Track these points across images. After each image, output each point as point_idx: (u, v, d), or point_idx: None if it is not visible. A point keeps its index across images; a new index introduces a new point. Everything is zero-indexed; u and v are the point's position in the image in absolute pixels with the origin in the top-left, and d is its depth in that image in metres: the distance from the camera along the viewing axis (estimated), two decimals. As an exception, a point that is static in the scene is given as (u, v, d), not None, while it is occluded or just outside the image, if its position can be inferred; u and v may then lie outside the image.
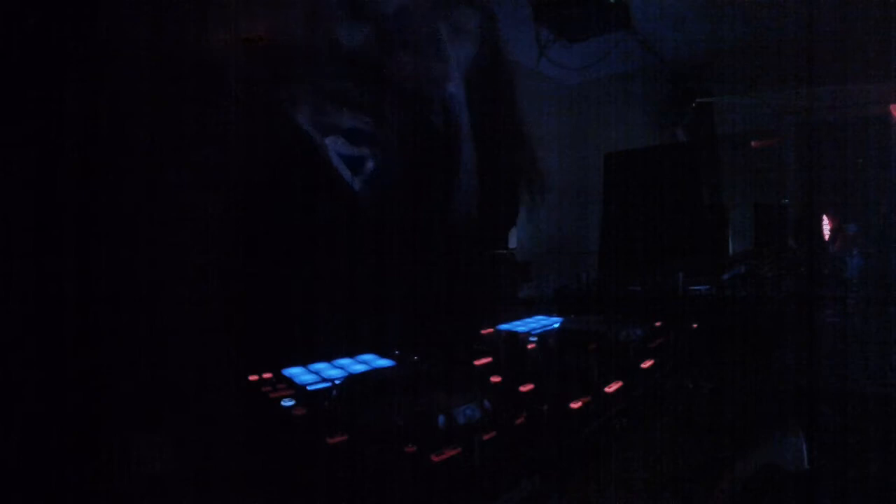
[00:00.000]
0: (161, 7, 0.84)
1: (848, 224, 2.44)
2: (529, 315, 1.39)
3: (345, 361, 0.96)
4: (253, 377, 0.85)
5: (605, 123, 2.50)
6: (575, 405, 0.74)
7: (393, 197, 1.28)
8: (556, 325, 1.25)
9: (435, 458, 0.56)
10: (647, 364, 0.98)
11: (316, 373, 0.89)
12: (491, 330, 1.23)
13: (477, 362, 0.93)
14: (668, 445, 0.92)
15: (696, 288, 1.78)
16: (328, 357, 0.96)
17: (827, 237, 2.47)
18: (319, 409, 0.71)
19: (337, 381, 0.82)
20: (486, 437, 0.61)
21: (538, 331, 1.21)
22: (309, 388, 0.81)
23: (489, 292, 1.59)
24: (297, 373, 0.89)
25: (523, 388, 0.79)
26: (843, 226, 2.45)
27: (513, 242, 1.86)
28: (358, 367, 0.93)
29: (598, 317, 1.23)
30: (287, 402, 0.72)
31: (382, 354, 0.99)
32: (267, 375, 0.86)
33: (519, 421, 0.68)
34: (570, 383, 0.82)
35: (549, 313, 1.41)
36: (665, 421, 0.96)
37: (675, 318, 1.19)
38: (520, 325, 1.29)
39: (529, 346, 1.02)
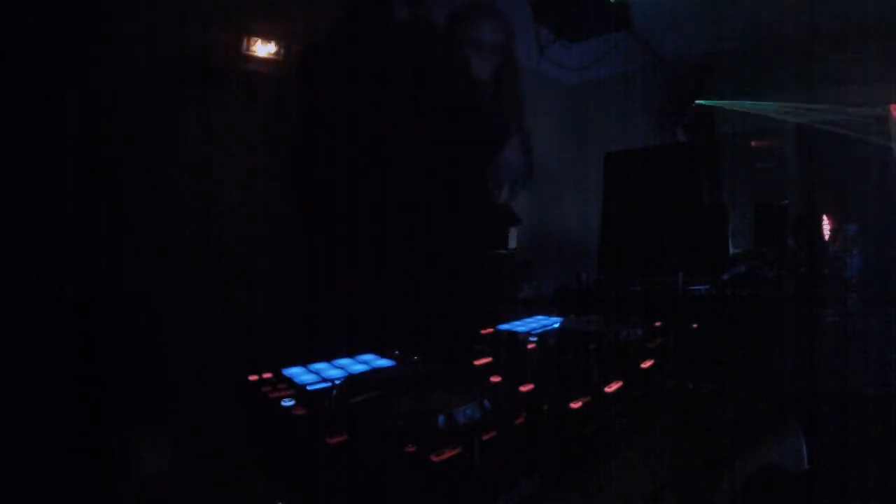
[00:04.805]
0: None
1: (848, 224, 2.44)
2: (529, 315, 1.39)
3: (345, 361, 0.96)
4: (253, 377, 0.85)
5: (605, 123, 2.50)
6: (575, 405, 0.74)
7: (394, 197, 1.28)
8: (556, 325, 1.25)
9: (435, 458, 0.56)
10: (647, 364, 0.98)
11: (316, 373, 0.89)
12: (491, 330, 1.23)
13: (477, 362, 0.93)
14: (668, 445, 0.92)
15: (696, 288, 1.78)
16: (328, 357, 0.96)
17: (827, 237, 2.47)
18: (319, 409, 0.71)
19: (337, 381, 0.82)
20: (486, 437, 0.61)
21: (538, 331, 1.20)
22: (309, 388, 0.81)
23: (489, 292, 1.60)
24: (297, 373, 0.89)
25: (523, 388, 0.79)
26: (843, 226, 2.45)
27: (513, 242, 1.86)
28: (358, 367, 0.93)
29: (598, 317, 1.23)
30: (287, 402, 0.72)
31: (382, 354, 0.99)
32: (267, 375, 0.86)
33: (519, 421, 0.68)
34: (570, 383, 0.82)
35: (549, 313, 1.41)
36: (665, 421, 0.96)
37: (675, 318, 1.19)
38: (520, 325, 1.29)
39: (529, 346, 1.02)
